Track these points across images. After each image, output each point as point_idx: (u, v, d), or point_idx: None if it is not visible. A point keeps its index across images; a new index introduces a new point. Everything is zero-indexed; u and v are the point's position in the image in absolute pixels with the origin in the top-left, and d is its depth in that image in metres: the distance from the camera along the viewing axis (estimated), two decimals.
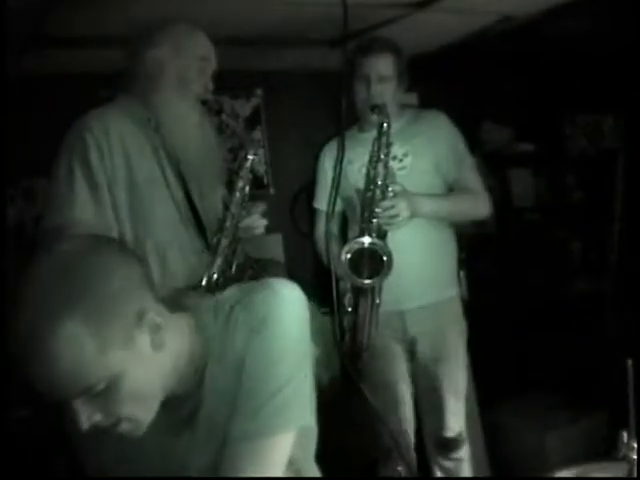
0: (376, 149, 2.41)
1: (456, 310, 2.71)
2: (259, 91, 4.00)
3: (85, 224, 1.92)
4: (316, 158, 2.80)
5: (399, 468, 2.68)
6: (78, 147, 1.97)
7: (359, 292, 2.45)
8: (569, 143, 3.93)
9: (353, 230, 2.61)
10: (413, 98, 3.72)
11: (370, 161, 2.43)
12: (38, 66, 3.11)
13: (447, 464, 2.72)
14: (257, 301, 1.19)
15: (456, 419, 2.67)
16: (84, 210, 1.94)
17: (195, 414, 1.20)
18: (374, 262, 2.36)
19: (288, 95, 3.95)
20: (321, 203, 2.74)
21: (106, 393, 1.06)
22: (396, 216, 2.36)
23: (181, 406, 1.20)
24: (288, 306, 1.19)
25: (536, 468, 3.11)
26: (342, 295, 2.48)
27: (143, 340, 1.09)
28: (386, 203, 2.36)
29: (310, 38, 3.35)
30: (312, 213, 2.87)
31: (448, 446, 2.68)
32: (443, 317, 2.64)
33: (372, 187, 2.40)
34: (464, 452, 2.71)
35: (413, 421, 2.76)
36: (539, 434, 3.14)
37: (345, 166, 2.52)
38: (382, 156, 2.40)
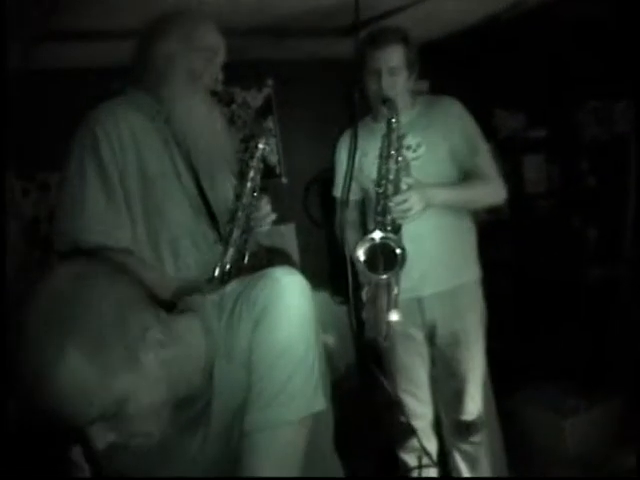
0: (386, 145, 2.40)
1: (475, 295, 2.71)
2: (270, 81, 4.01)
3: (97, 221, 1.91)
4: (333, 148, 2.80)
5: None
6: (89, 141, 1.95)
7: (377, 284, 2.45)
8: (581, 129, 3.89)
9: (371, 219, 2.61)
10: (425, 85, 3.71)
11: (381, 156, 2.42)
12: (48, 60, 3.13)
13: (466, 448, 2.74)
14: (257, 291, 1.19)
15: (474, 403, 2.68)
16: (96, 205, 1.92)
17: (207, 411, 1.20)
18: (388, 256, 2.35)
19: (300, 84, 3.95)
20: (339, 192, 2.74)
21: (118, 415, 1.06)
22: (409, 210, 2.35)
23: (192, 405, 1.20)
24: (288, 292, 1.18)
25: (554, 455, 3.12)
26: (362, 287, 2.48)
27: (148, 359, 1.08)
28: (399, 197, 2.35)
29: (321, 27, 3.35)
30: (325, 203, 2.86)
31: (467, 430, 2.70)
32: (461, 302, 2.64)
33: (384, 182, 2.39)
34: (482, 436, 2.72)
35: (432, 405, 2.78)
36: (555, 420, 3.14)
37: (360, 158, 2.53)
38: (393, 152, 2.38)
